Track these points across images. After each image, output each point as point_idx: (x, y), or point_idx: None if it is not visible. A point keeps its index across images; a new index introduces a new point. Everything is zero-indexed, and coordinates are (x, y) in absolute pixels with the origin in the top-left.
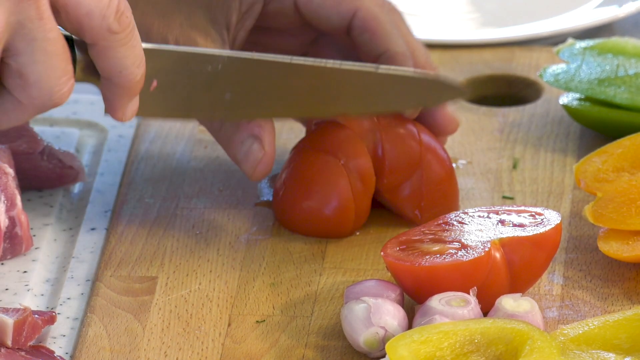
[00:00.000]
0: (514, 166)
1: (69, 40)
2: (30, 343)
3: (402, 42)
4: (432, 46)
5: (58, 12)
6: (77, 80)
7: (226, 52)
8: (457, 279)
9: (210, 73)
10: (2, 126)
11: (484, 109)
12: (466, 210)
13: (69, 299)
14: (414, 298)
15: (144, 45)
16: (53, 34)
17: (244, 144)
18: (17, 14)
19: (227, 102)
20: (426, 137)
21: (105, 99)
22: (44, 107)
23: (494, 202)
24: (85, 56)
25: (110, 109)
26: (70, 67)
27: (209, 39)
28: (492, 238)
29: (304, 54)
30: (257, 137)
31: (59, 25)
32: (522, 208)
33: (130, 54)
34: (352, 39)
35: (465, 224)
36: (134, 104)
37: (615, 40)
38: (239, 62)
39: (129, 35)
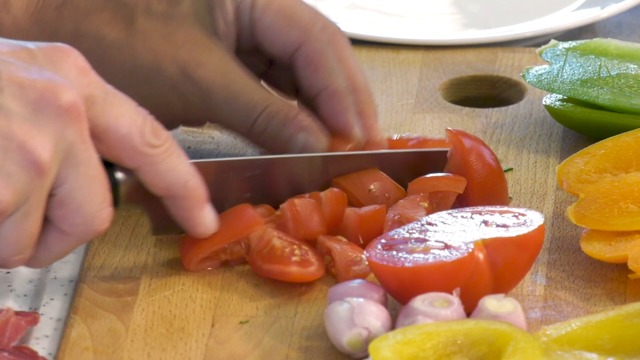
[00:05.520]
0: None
1: (106, 166)
2: (13, 344)
3: (342, 79)
4: (415, 47)
5: (97, 140)
6: (121, 206)
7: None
8: (440, 279)
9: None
10: (44, 263)
11: (467, 109)
12: (450, 211)
13: (52, 299)
14: (397, 299)
15: None
16: (94, 159)
17: (297, 139)
18: (63, 140)
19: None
20: None
21: (181, 220)
22: (86, 234)
23: None
24: (126, 182)
25: (191, 227)
26: (108, 193)
27: (212, 52)
28: (475, 239)
29: (263, 73)
30: (310, 129)
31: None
32: (505, 209)
33: (180, 163)
34: (294, 69)
35: (449, 224)
36: (210, 213)
37: (598, 41)
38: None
39: (172, 148)
